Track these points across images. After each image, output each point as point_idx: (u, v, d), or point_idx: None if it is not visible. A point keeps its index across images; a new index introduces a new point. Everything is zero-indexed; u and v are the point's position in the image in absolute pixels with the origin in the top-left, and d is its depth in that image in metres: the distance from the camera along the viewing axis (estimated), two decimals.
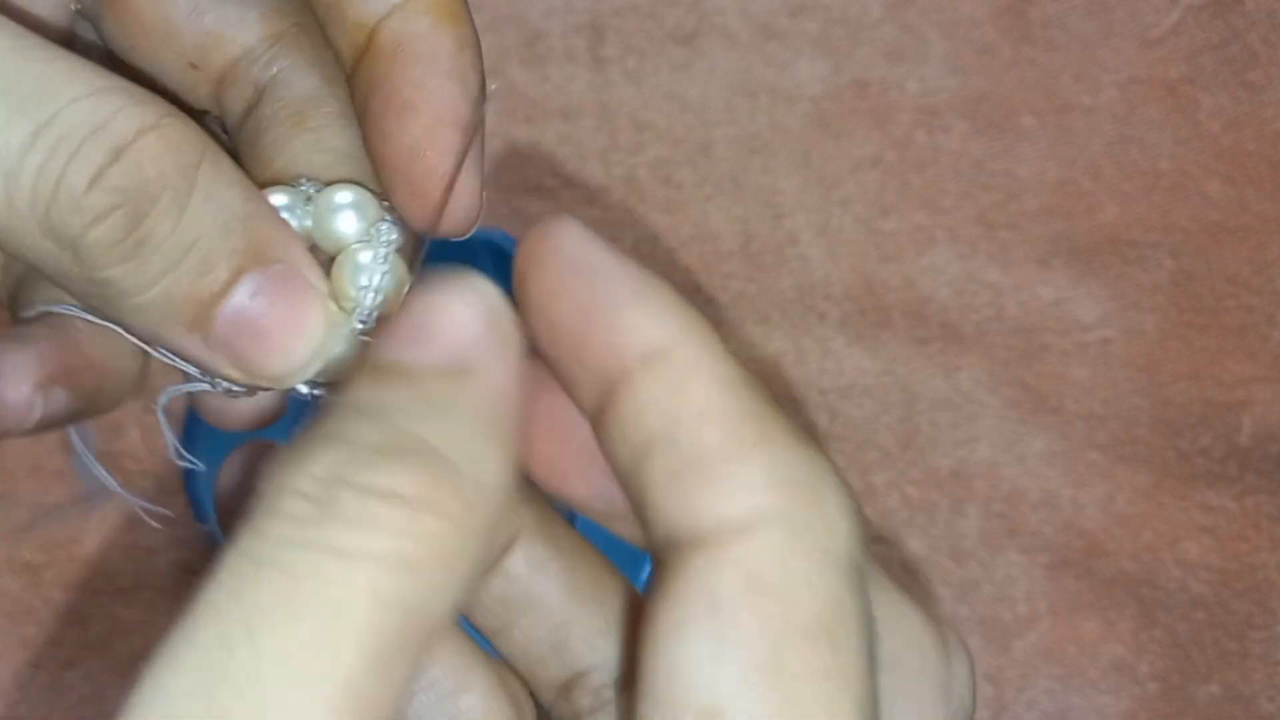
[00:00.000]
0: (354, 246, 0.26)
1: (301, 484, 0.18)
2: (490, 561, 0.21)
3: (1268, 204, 0.58)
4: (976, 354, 0.56)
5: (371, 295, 0.26)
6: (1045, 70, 0.59)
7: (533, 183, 0.57)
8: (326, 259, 0.26)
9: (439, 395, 0.20)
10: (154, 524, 0.32)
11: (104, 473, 0.29)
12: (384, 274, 0.26)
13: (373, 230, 0.26)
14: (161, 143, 0.23)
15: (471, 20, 0.26)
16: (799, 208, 0.58)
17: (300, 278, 0.24)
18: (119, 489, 0.30)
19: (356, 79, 0.26)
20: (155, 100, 0.23)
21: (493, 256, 0.54)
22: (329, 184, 0.26)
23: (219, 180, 0.24)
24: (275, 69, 0.27)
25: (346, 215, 0.26)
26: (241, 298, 0.24)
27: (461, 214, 0.26)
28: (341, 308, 0.25)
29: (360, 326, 0.26)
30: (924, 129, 0.59)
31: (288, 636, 0.18)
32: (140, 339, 0.25)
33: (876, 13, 0.59)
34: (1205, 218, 0.58)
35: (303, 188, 0.26)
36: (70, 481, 0.55)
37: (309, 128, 0.27)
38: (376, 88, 0.25)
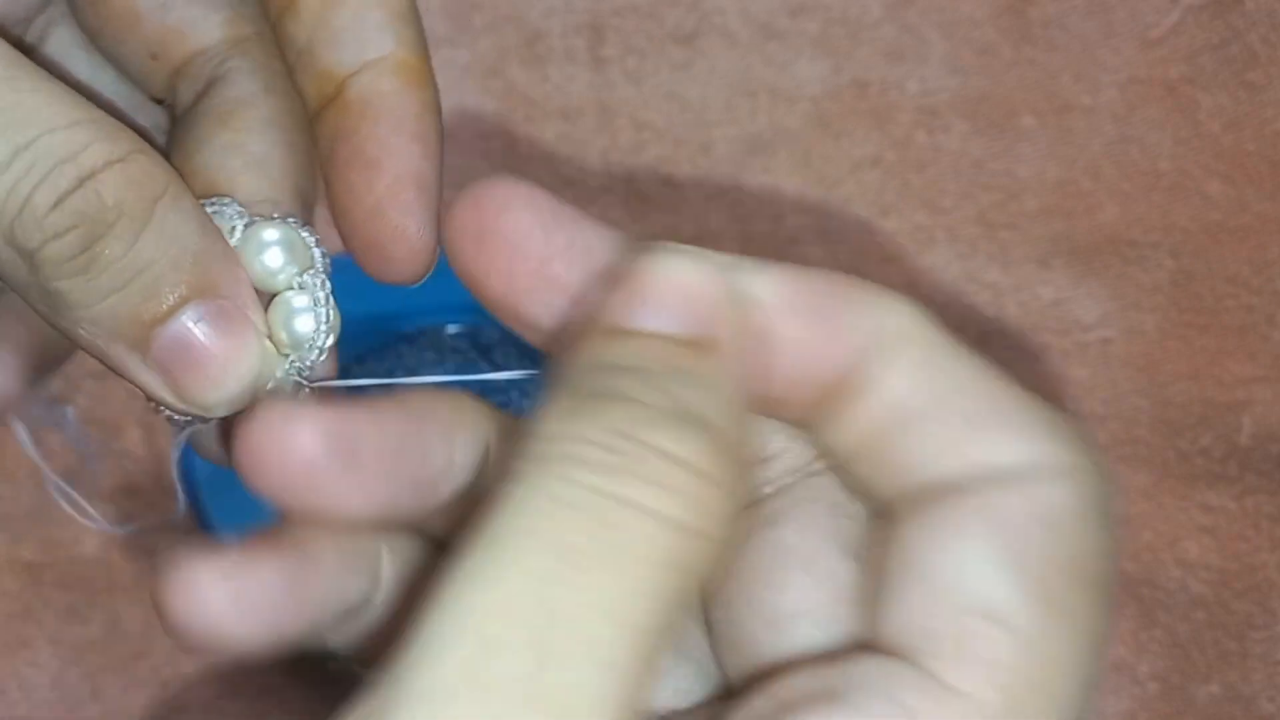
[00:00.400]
0: (289, 292, 0.27)
1: (594, 434, 0.20)
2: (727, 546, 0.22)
3: (1268, 204, 0.58)
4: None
5: (309, 346, 0.27)
6: (1045, 70, 0.59)
7: (532, 183, 0.57)
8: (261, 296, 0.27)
9: (693, 365, 0.21)
10: (76, 515, 0.33)
11: (39, 457, 0.30)
12: (324, 325, 0.27)
13: (307, 277, 0.27)
14: (123, 175, 0.24)
15: (435, 84, 0.28)
16: (799, 208, 0.58)
17: (241, 314, 0.26)
18: (53, 476, 0.31)
19: (322, 126, 0.28)
20: (128, 136, 0.25)
21: None
22: (254, 209, 0.27)
23: (177, 214, 0.25)
24: (224, 68, 0.29)
25: (273, 252, 0.27)
26: (182, 325, 0.25)
27: (416, 268, 0.27)
28: (274, 347, 0.27)
29: (293, 369, 0.27)
30: (924, 129, 0.59)
31: (596, 575, 0.19)
32: (87, 352, 0.26)
33: (876, 13, 0.59)
34: (1205, 218, 0.58)
35: (224, 207, 0.27)
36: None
37: (232, 128, 0.28)
38: (343, 140, 0.27)
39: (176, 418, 0.27)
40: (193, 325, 0.25)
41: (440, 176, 0.28)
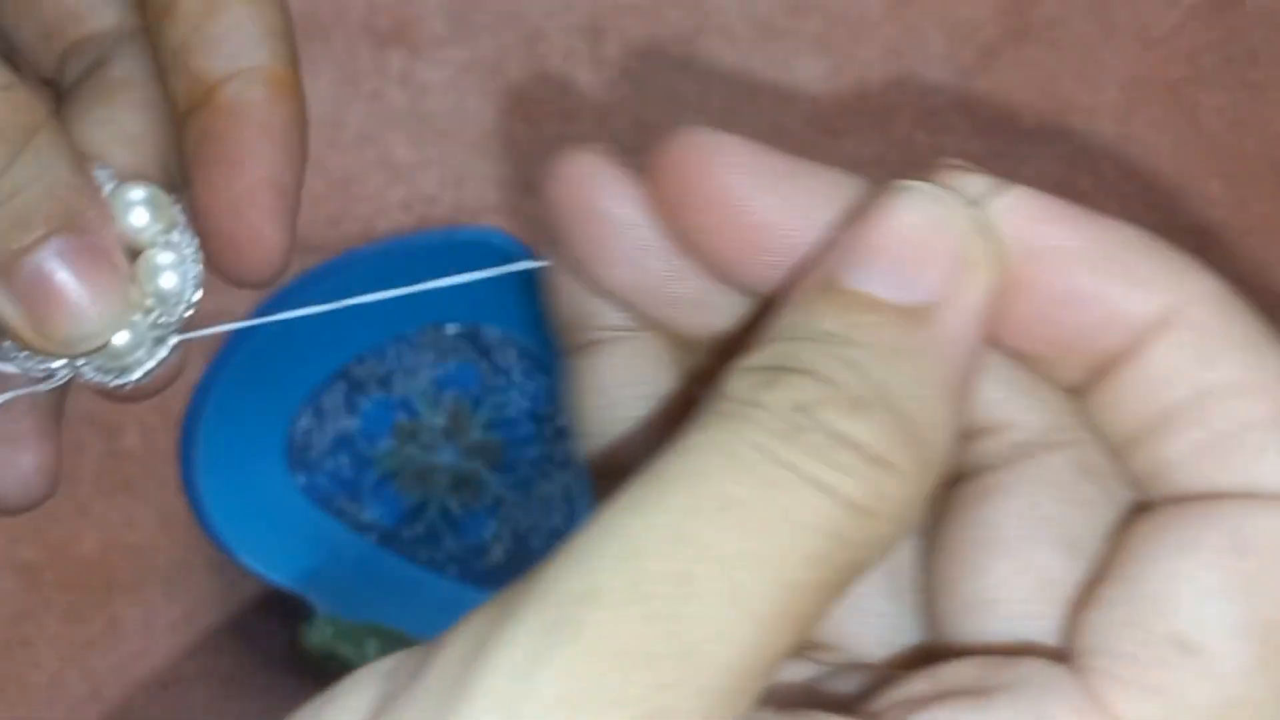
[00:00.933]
0: (153, 249, 0.28)
1: (775, 404, 0.19)
2: (915, 523, 0.20)
3: (1268, 204, 0.58)
4: None
5: (174, 302, 0.28)
6: (1045, 70, 0.59)
7: (533, 182, 0.57)
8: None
9: (900, 341, 0.20)
10: None
11: None
12: (190, 281, 0.28)
13: (175, 235, 0.28)
14: (5, 99, 0.25)
15: (304, 98, 0.29)
16: None
17: (106, 254, 0.26)
18: None
19: (189, 127, 0.28)
20: (11, 71, 0.26)
21: (492, 256, 0.54)
22: (123, 178, 0.28)
23: (54, 149, 0.26)
24: (112, 52, 0.30)
25: (139, 211, 0.27)
26: (49, 254, 0.26)
27: (267, 269, 0.28)
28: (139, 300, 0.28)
29: (158, 325, 0.28)
30: (924, 129, 0.59)
31: (751, 528, 0.18)
32: None
33: (876, 12, 0.59)
34: (1205, 218, 0.58)
35: (96, 171, 0.28)
36: (72, 483, 0.55)
37: (109, 104, 0.29)
38: (209, 140, 0.28)
39: (29, 366, 0.27)
40: (58, 257, 0.26)
41: (300, 186, 0.29)
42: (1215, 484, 0.20)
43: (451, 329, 0.56)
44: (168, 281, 0.27)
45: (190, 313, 0.28)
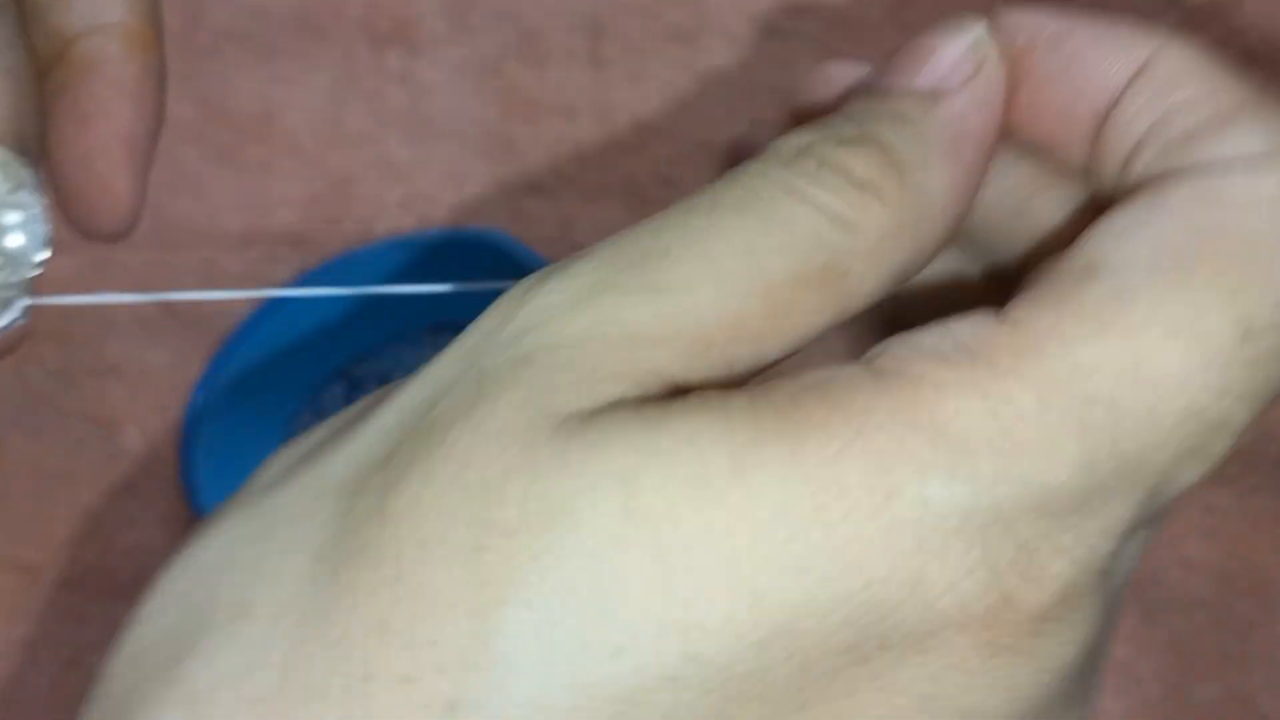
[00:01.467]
0: (1, 209, 0.28)
1: (781, 147, 0.22)
2: (908, 272, 0.23)
3: None
4: None
5: (21, 261, 0.28)
6: None
7: (533, 182, 0.57)
8: None
9: (908, 110, 0.23)
10: None
11: None
12: (38, 241, 0.28)
13: (23, 195, 0.28)
14: None
15: (162, 53, 0.30)
16: None
17: None
18: None
19: (48, 84, 0.29)
20: None
21: (492, 256, 0.54)
22: None
23: None
24: None
25: None
26: None
27: (118, 221, 0.29)
28: None
29: (7, 285, 0.28)
30: None
31: (737, 224, 0.21)
32: None
33: (877, 13, 0.59)
34: None
35: None
36: (71, 482, 0.55)
37: None
38: (63, 96, 0.29)
39: None
40: None
41: (154, 140, 0.29)
42: (1167, 165, 0.22)
43: (452, 329, 0.56)
44: (14, 240, 0.28)
45: (38, 272, 0.28)
